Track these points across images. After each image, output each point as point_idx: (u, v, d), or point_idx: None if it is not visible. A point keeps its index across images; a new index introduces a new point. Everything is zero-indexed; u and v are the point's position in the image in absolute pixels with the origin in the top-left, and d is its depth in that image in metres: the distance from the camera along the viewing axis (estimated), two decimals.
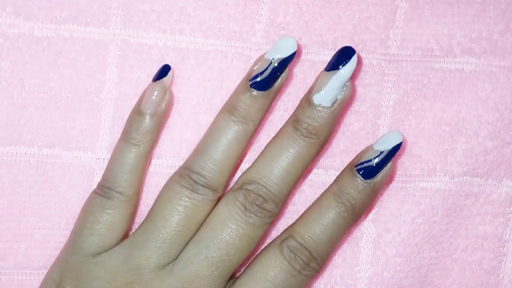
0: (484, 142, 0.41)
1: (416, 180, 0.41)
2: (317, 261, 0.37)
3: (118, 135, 0.39)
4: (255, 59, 0.39)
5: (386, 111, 0.41)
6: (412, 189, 0.41)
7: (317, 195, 0.40)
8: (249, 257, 0.38)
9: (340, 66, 0.36)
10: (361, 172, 0.37)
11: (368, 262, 0.41)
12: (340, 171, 0.40)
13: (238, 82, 0.39)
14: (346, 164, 0.40)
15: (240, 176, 0.38)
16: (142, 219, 0.40)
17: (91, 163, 0.39)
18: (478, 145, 0.41)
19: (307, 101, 0.37)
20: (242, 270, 0.38)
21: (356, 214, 0.37)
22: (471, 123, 0.41)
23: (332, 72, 0.36)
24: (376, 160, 0.37)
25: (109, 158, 0.39)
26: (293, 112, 0.38)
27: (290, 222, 0.39)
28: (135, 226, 0.39)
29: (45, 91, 0.38)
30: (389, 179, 0.39)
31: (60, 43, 0.38)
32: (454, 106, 0.41)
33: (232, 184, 0.39)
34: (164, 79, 0.37)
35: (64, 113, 0.39)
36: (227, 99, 0.39)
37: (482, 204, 0.42)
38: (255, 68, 0.37)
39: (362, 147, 0.40)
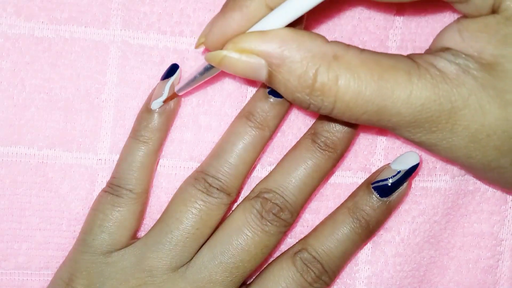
0: None
1: (416, 179, 0.41)
2: (329, 274, 0.37)
3: (119, 136, 0.39)
4: None
5: None
6: (412, 189, 0.41)
7: (317, 196, 0.41)
8: (260, 266, 0.38)
9: None
10: (377, 190, 0.38)
11: (368, 262, 0.41)
12: (340, 171, 0.41)
13: (238, 83, 0.39)
14: (346, 165, 0.41)
15: (257, 185, 0.38)
16: (145, 219, 0.40)
17: (92, 164, 0.39)
18: None
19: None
20: (253, 278, 0.39)
21: (370, 230, 0.38)
22: None
23: None
24: (393, 179, 0.38)
25: (111, 159, 0.39)
26: (312, 125, 0.38)
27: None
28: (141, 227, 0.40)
29: (46, 91, 0.38)
30: (404, 197, 0.40)
31: (60, 43, 0.38)
32: None
33: (243, 190, 0.40)
34: (172, 77, 0.37)
35: (64, 114, 0.39)
36: (227, 101, 0.39)
37: (478, 202, 0.42)
38: None
39: (362, 147, 0.41)
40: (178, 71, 0.38)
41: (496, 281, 0.42)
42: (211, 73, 0.35)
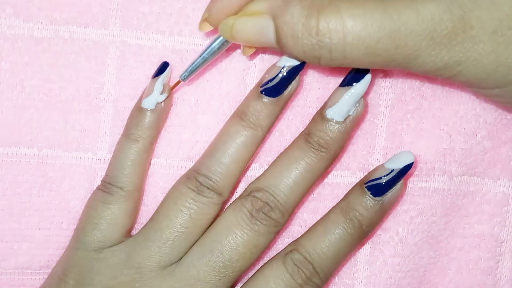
0: (482, 141, 0.41)
1: (414, 179, 0.41)
2: (320, 276, 0.37)
3: (118, 136, 0.39)
4: (254, 60, 0.39)
5: (384, 110, 0.41)
6: (411, 189, 0.41)
7: (315, 195, 0.41)
8: (253, 268, 0.38)
9: (354, 83, 0.36)
10: (370, 190, 0.37)
11: (366, 262, 0.41)
12: (339, 171, 0.40)
13: (237, 83, 0.39)
14: (344, 164, 0.41)
15: (249, 184, 0.38)
16: (142, 218, 0.40)
17: (91, 163, 0.39)
18: (477, 145, 0.41)
19: (320, 115, 0.37)
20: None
21: (363, 231, 0.37)
22: (469, 122, 0.41)
23: (346, 88, 0.36)
24: (386, 178, 0.37)
25: (109, 158, 0.39)
26: (307, 126, 0.38)
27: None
28: (138, 226, 0.40)
29: (45, 92, 0.39)
30: (399, 198, 0.39)
31: (59, 44, 0.38)
32: (453, 105, 0.41)
33: (240, 190, 0.40)
34: (163, 75, 0.38)
35: (64, 114, 0.39)
36: (225, 100, 0.39)
37: (478, 203, 0.42)
38: (266, 75, 0.37)
39: (361, 147, 0.41)
40: (168, 68, 0.38)
41: (496, 283, 0.42)
42: (218, 51, 0.36)
